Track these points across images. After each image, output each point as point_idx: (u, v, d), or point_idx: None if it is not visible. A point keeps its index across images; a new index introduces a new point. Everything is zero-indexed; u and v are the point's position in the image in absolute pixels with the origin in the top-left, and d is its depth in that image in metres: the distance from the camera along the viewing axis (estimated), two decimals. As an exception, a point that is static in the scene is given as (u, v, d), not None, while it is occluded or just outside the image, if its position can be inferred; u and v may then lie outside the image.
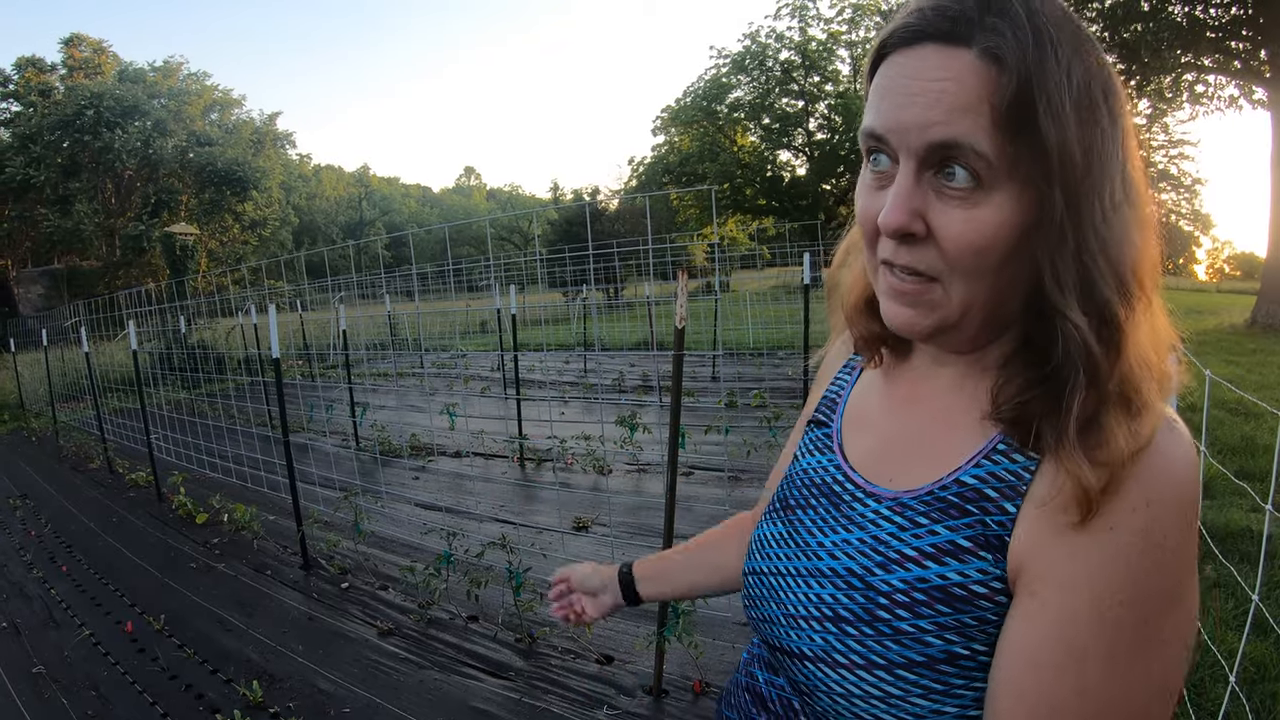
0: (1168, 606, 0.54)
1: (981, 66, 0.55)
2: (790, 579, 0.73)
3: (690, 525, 4.59)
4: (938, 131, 0.57)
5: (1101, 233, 0.57)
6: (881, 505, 0.68)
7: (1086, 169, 0.56)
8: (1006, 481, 0.60)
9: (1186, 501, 0.55)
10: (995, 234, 0.57)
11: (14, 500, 6.52)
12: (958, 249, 0.58)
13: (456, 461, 6.74)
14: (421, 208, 75.37)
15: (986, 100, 0.55)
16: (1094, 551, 0.54)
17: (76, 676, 3.31)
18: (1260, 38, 13.84)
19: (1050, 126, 0.54)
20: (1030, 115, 0.55)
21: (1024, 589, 0.57)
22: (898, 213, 0.59)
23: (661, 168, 35.19)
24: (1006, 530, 0.59)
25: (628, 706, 2.84)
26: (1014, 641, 0.57)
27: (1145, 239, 0.59)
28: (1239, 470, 4.81)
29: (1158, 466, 0.54)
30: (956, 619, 0.60)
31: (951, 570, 0.60)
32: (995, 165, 0.56)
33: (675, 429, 2.81)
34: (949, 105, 0.56)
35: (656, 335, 11.60)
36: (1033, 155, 0.56)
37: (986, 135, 0.55)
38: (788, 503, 0.80)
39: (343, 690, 3.05)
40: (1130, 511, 0.53)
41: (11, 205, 28.09)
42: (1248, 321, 14.24)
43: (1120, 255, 0.58)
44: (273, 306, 4.38)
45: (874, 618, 0.63)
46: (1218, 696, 2.55)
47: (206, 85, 34.92)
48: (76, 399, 11.18)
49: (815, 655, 0.67)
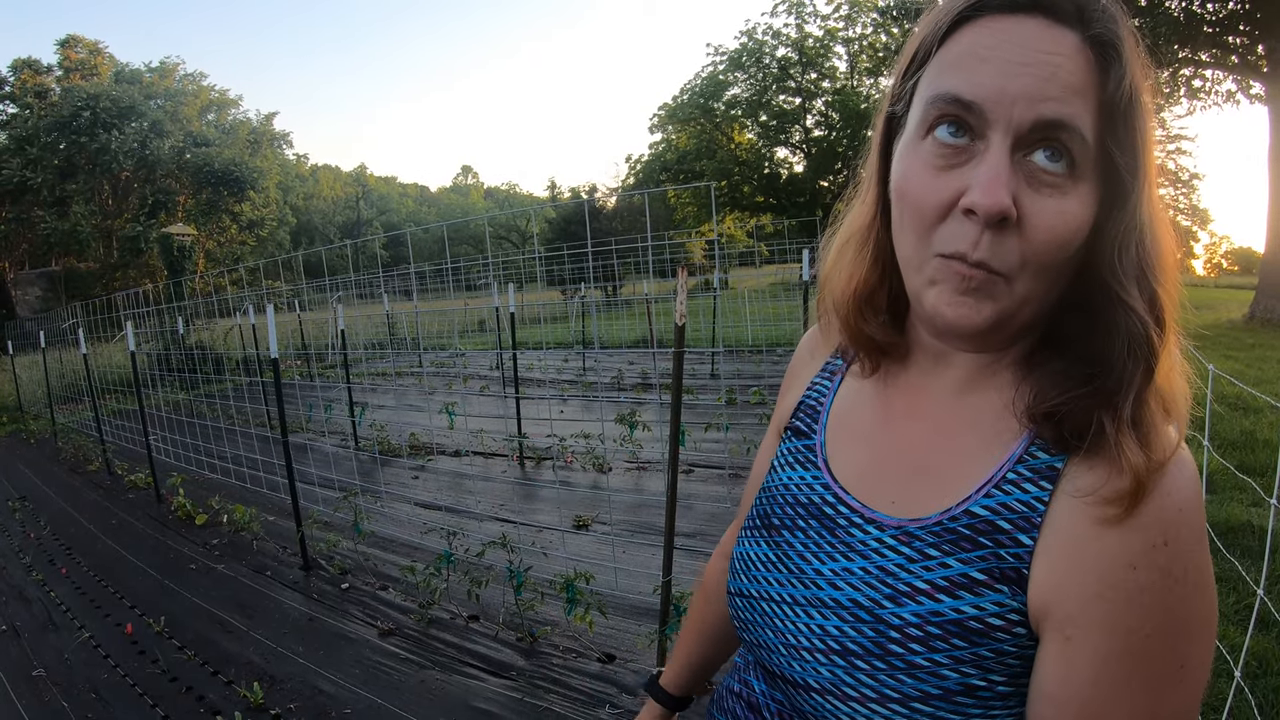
0: (1193, 635, 0.55)
1: (1089, 52, 0.55)
2: (786, 607, 0.70)
3: (690, 523, 4.59)
4: (1050, 108, 0.54)
5: (1155, 228, 0.58)
6: (885, 534, 0.65)
7: (1149, 165, 0.57)
8: (1019, 513, 0.58)
9: (1201, 533, 0.55)
10: (1080, 227, 0.56)
11: (13, 503, 6.50)
12: (1044, 242, 0.56)
13: (456, 461, 6.73)
14: (419, 207, 75.34)
15: (1093, 86, 0.55)
16: (1120, 591, 0.54)
17: (76, 679, 3.30)
18: (1258, 32, 13.84)
19: (1144, 121, 0.55)
20: (1129, 108, 0.55)
21: (1054, 630, 0.56)
22: (1000, 192, 0.54)
23: (659, 165, 35.22)
24: (1024, 563, 0.57)
25: (630, 705, 2.83)
26: (1052, 684, 0.57)
27: (1170, 234, 0.60)
28: (1239, 465, 4.80)
29: (1173, 503, 0.54)
30: (973, 652, 0.58)
31: (966, 604, 0.59)
32: (1093, 154, 0.55)
33: (676, 426, 2.80)
34: (1064, 83, 0.54)
35: (655, 333, 11.60)
36: (1120, 149, 0.55)
37: (1092, 121, 0.55)
38: (769, 521, 0.76)
39: (344, 691, 3.04)
40: (1150, 549, 0.54)
41: (8, 207, 28.03)
42: (1246, 316, 14.25)
43: (1163, 249, 0.58)
44: (271, 307, 4.37)
45: (885, 651, 0.61)
46: (1221, 692, 2.55)
47: (203, 86, 34.88)
48: (75, 401, 11.14)
49: (822, 688, 0.65)
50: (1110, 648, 0.54)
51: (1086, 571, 0.55)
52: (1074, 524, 0.56)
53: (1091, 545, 0.55)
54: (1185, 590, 0.54)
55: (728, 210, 34.30)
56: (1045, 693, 0.57)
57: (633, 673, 3.06)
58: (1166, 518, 0.54)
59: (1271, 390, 6.93)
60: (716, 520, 4.63)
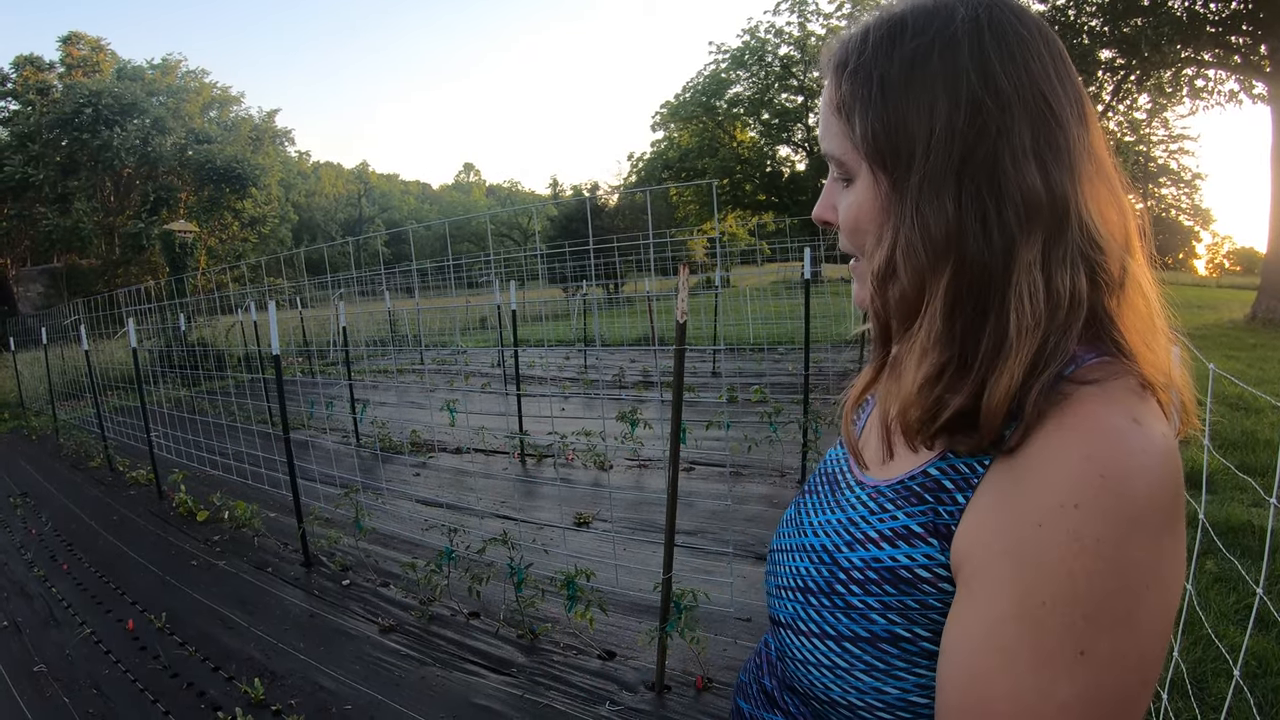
0: (1102, 623, 0.51)
1: (833, 89, 0.69)
2: (786, 554, 0.79)
3: (691, 520, 4.59)
4: (824, 147, 0.72)
5: (924, 210, 0.62)
6: (863, 492, 0.72)
7: (899, 151, 0.64)
8: (962, 474, 0.61)
9: (1133, 514, 0.51)
10: (857, 205, 0.68)
11: (15, 499, 6.51)
12: (843, 222, 0.70)
13: (457, 458, 6.74)
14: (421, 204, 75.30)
15: (839, 120, 0.67)
16: (1025, 548, 0.53)
17: (78, 675, 3.31)
18: (1260, 32, 13.81)
19: (869, 114, 0.64)
20: (850, 115, 0.66)
21: (963, 585, 0.58)
22: (818, 208, 0.75)
23: (661, 163, 35.20)
24: (954, 519, 0.60)
25: (630, 702, 2.84)
26: (952, 636, 0.57)
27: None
28: (1240, 465, 4.80)
29: (1094, 468, 0.52)
30: (900, 600, 0.62)
31: (901, 553, 0.63)
32: (861, 163, 0.66)
33: (677, 424, 2.81)
34: (827, 127, 0.70)
35: (657, 331, 11.60)
36: (868, 152, 0.65)
37: (845, 145, 0.67)
38: (804, 488, 0.86)
39: (344, 687, 3.05)
40: (1059, 509, 0.52)
41: (10, 204, 28.02)
42: (1248, 316, 14.24)
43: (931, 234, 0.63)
44: (272, 303, 4.38)
45: (833, 590, 0.68)
46: (1221, 691, 2.55)
47: (205, 82, 34.87)
48: (76, 398, 11.16)
49: (787, 622, 0.73)
50: (1004, 609, 0.53)
51: (998, 526, 0.56)
52: (999, 482, 0.57)
53: (1006, 502, 0.56)
54: (1097, 565, 0.50)
55: (729, 208, 34.29)
56: (943, 648, 0.59)
57: (633, 670, 3.06)
58: (1083, 481, 0.52)
59: (1273, 390, 6.93)
60: (717, 518, 4.64)
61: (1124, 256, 0.61)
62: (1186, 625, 2.74)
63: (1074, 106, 0.61)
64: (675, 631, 2.87)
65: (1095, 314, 0.60)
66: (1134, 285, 0.62)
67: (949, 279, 0.59)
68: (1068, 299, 0.57)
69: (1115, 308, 0.61)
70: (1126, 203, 0.63)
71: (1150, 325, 0.62)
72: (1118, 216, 0.62)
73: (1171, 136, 39.95)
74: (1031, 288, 0.57)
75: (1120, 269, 0.60)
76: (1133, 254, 0.62)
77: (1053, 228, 0.58)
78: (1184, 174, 42.78)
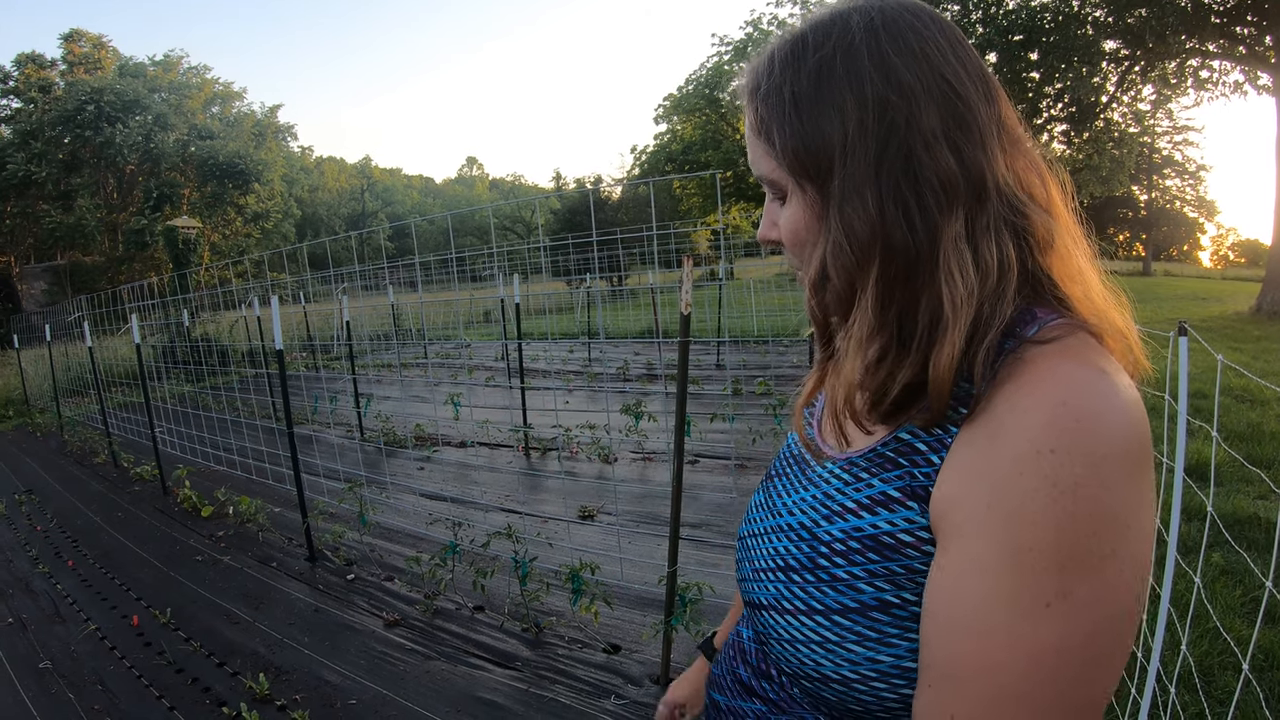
0: (1081, 564, 0.52)
1: (752, 113, 0.71)
2: (759, 538, 0.78)
3: (696, 513, 4.59)
4: (756, 170, 0.73)
5: (847, 211, 0.65)
6: (836, 465, 0.72)
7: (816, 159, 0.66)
8: (935, 435, 0.62)
9: (1107, 456, 0.53)
10: (794, 218, 0.69)
11: (19, 495, 6.53)
12: (783, 233, 0.72)
13: (461, 451, 6.74)
14: (424, 198, 75.21)
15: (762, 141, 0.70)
16: (1004, 497, 0.54)
17: (83, 671, 3.32)
18: (1265, 23, 13.73)
19: (787, 128, 0.67)
20: (769, 134, 0.68)
21: (942, 540, 0.59)
22: (763, 227, 0.78)
23: (664, 156, 35.13)
24: (931, 480, 0.61)
25: (635, 696, 2.84)
26: (934, 591, 0.58)
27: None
28: (1247, 456, 4.78)
29: (1069, 412, 0.54)
30: (885, 566, 0.62)
31: (882, 520, 0.63)
32: (787, 180, 0.69)
33: (681, 417, 2.80)
34: (753, 151, 0.72)
35: (660, 323, 11.58)
36: (789, 165, 0.68)
37: (771, 164, 0.69)
38: (769, 473, 0.87)
39: (349, 682, 3.05)
40: (1035, 455, 0.53)
41: (13, 201, 28.10)
42: (1253, 308, 14.22)
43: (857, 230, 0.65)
44: (276, 299, 4.37)
45: (815, 565, 0.68)
46: (1228, 684, 2.54)
47: (207, 79, 34.91)
48: (81, 394, 11.17)
49: (768, 604, 0.72)
50: (986, 559, 0.54)
51: (976, 479, 0.57)
52: (973, 438, 0.58)
53: (982, 456, 0.57)
54: (1076, 508, 0.52)
55: (733, 200, 34.16)
56: (926, 605, 0.59)
57: (638, 663, 3.06)
58: (1058, 425, 0.53)
59: (1279, 382, 6.90)
60: (722, 511, 4.63)
61: (1047, 217, 0.64)
62: (1194, 618, 2.73)
63: (978, 85, 0.63)
64: (680, 625, 2.86)
65: (1034, 275, 0.63)
66: (1063, 241, 0.64)
67: (877, 272, 0.62)
68: (996, 266, 0.60)
69: (1050, 265, 0.64)
70: (1043, 166, 0.67)
71: (1085, 276, 0.65)
72: (1038, 180, 0.65)
73: (1176, 128, 39.85)
74: (960, 262, 0.60)
75: (1046, 229, 0.63)
76: (1055, 214, 0.65)
77: (972, 202, 0.61)
78: (1189, 165, 42.66)
